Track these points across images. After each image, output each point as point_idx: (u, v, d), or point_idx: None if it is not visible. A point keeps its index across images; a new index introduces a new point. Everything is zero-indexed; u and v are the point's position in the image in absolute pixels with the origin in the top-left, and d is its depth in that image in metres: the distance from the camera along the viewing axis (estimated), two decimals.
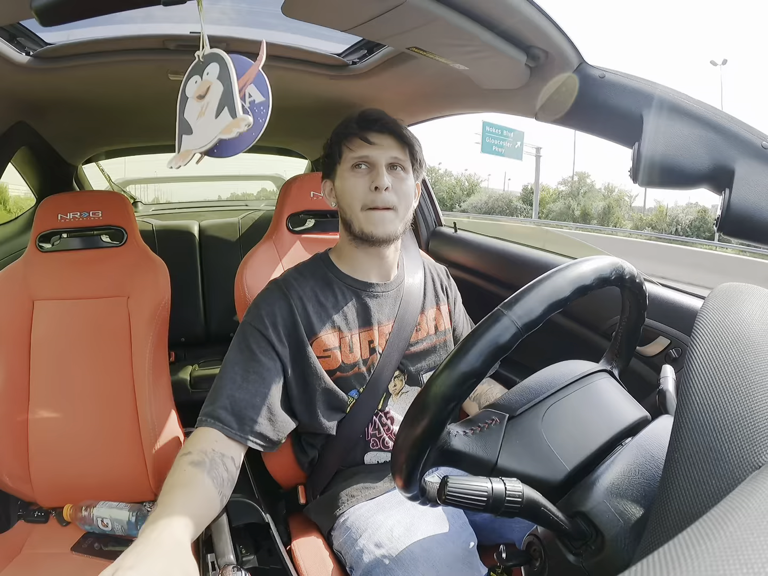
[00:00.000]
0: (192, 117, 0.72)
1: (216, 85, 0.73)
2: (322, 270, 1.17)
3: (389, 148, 1.10)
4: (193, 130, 0.72)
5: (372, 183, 1.08)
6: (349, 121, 1.12)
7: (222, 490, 0.88)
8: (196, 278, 2.44)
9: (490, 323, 0.58)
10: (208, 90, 0.73)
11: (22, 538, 1.32)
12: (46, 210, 1.48)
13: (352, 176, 1.11)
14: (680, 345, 1.15)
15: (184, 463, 0.87)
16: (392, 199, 1.10)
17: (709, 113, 0.85)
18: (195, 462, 0.87)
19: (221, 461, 0.91)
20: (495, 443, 0.65)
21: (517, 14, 0.82)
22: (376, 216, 1.09)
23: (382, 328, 1.16)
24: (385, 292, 1.19)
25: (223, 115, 0.73)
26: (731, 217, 0.81)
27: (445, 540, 0.96)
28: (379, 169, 1.08)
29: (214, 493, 0.86)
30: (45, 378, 1.42)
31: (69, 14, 0.65)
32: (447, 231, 2.07)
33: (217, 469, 0.89)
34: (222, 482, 0.88)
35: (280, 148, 2.72)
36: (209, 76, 0.74)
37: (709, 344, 0.48)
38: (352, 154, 1.11)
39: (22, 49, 1.18)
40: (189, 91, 0.73)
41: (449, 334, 1.28)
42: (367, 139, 1.09)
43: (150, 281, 1.47)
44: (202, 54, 0.73)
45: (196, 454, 0.89)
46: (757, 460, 0.40)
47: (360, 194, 1.09)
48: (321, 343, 1.10)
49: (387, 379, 1.15)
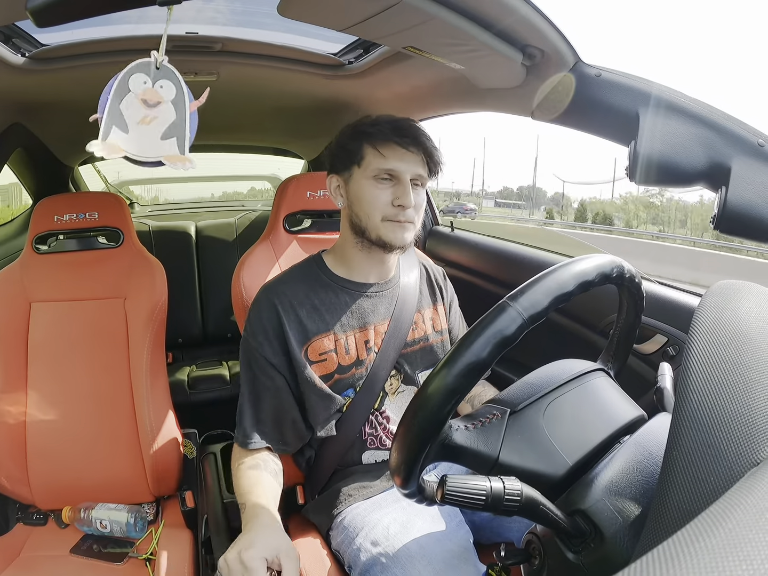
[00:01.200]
0: (131, 118, 0.70)
1: (168, 107, 0.73)
2: (315, 272, 1.17)
3: (417, 164, 1.08)
4: (129, 131, 0.71)
5: (396, 199, 1.07)
6: (380, 124, 1.08)
7: (277, 479, 1.05)
8: (193, 279, 2.43)
9: (496, 314, 0.58)
10: (157, 104, 0.72)
11: (21, 541, 1.31)
12: (43, 211, 1.48)
13: (375, 187, 1.07)
14: (677, 343, 1.15)
15: (245, 470, 1.02)
16: (413, 215, 1.09)
17: (705, 111, 0.85)
18: (252, 466, 1.03)
19: (270, 459, 1.06)
20: (497, 438, 0.65)
21: (513, 13, 0.82)
22: (397, 226, 1.08)
23: (377, 328, 1.16)
24: (380, 292, 1.18)
25: (169, 142, 0.73)
26: (728, 214, 0.81)
27: (442, 537, 0.97)
28: (406, 187, 1.06)
29: (275, 483, 1.03)
30: (42, 380, 1.41)
31: (64, 15, 0.65)
32: (444, 230, 2.07)
33: (269, 466, 1.05)
34: (276, 474, 1.05)
35: (276, 148, 2.72)
36: (162, 91, 0.72)
37: (706, 341, 0.48)
38: (380, 162, 1.06)
39: (17, 51, 1.18)
40: (133, 86, 0.71)
41: (446, 335, 1.28)
42: (405, 146, 1.06)
43: (147, 282, 1.47)
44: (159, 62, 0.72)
45: (249, 461, 1.04)
46: (755, 456, 0.40)
47: (382, 206, 1.07)
48: (317, 347, 1.10)
49: (383, 378, 1.15)
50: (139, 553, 1.27)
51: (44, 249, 1.53)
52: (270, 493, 0.97)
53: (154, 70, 0.72)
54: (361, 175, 1.09)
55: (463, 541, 0.98)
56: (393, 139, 1.06)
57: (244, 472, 1.02)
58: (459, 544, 0.96)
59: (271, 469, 1.04)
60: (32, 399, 1.40)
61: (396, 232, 1.08)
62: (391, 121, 1.08)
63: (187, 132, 0.73)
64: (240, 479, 1.01)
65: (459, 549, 0.95)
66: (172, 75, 0.73)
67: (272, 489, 0.99)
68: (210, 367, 2.27)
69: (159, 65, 0.72)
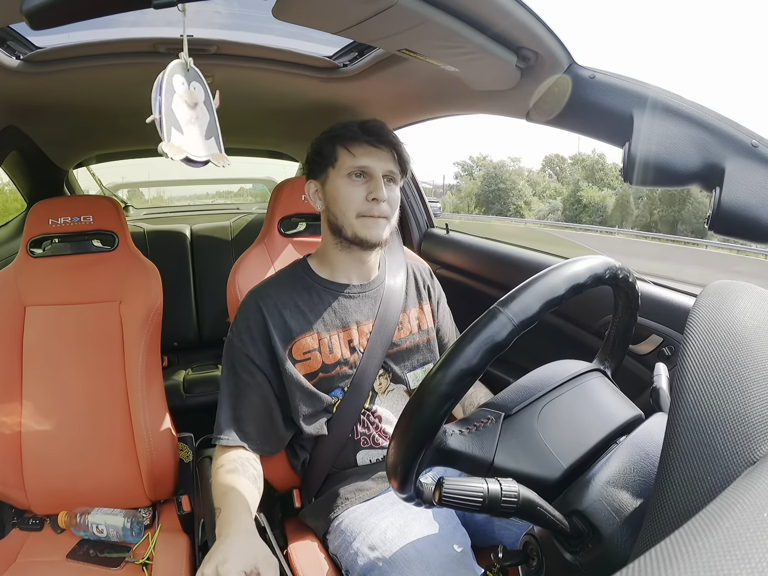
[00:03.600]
0: (182, 118, 0.72)
1: (203, 109, 0.75)
2: (300, 275, 1.20)
3: (387, 160, 1.13)
4: (183, 132, 0.72)
5: (370, 194, 1.11)
6: (350, 126, 1.13)
7: (256, 484, 1.03)
8: (188, 282, 2.43)
9: (487, 320, 0.58)
10: (195, 105, 0.74)
11: (17, 547, 1.31)
12: (37, 215, 1.47)
13: (349, 185, 1.12)
14: (673, 343, 1.15)
15: (223, 474, 1.01)
16: (387, 209, 1.13)
17: (699, 112, 0.86)
18: (230, 470, 1.01)
19: (248, 463, 1.05)
20: (491, 442, 0.65)
21: (507, 16, 0.83)
22: (371, 222, 1.11)
23: (361, 328, 1.18)
24: (363, 293, 1.21)
25: (210, 142, 0.75)
26: (722, 215, 0.82)
27: (439, 541, 0.97)
28: (378, 182, 1.11)
29: (253, 487, 1.00)
30: (37, 384, 1.40)
31: (60, 17, 0.64)
32: (439, 232, 2.07)
33: (248, 470, 1.03)
34: (255, 478, 1.03)
35: (271, 150, 2.72)
36: (196, 92, 0.74)
37: (702, 341, 0.48)
38: (352, 160, 1.11)
39: (12, 53, 1.17)
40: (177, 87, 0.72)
41: (432, 333, 1.30)
42: (368, 150, 1.10)
43: (142, 286, 1.47)
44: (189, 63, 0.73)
45: (228, 464, 1.03)
46: (752, 455, 0.40)
47: (356, 202, 1.11)
48: (300, 346, 1.12)
49: (371, 377, 1.17)
50: (135, 557, 1.27)
51: (39, 252, 1.52)
52: (246, 499, 0.95)
53: (186, 71, 0.74)
54: (336, 175, 1.13)
55: (462, 544, 0.98)
56: (362, 138, 1.11)
57: (222, 476, 1.00)
58: (458, 547, 0.97)
59: (249, 474, 1.02)
60: (27, 404, 1.39)
61: (371, 228, 1.12)
62: (359, 123, 1.13)
63: (219, 131, 0.76)
64: (217, 483, 1.00)
65: (455, 553, 0.95)
66: (199, 77, 0.75)
67: (249, 494, 0.97)
68: (206, 371, 2.27)
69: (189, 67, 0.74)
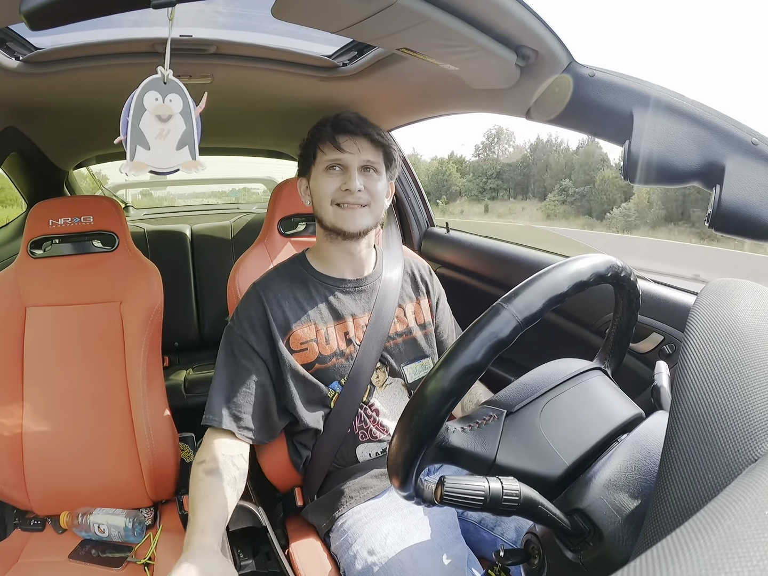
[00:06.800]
0: (150, 134, 0.76)
1: (178, 119, 0.77)
2: (298, 269, 1.23)
3: (363, 151, 1.15)
4: (151, 147, 0.77)
5: (344, 185, 1.14)
6: (324, 124, 1.17)
7: (236, 486, 1.00)
8: (188, 282, 2.43)
9: (490, 317, 0.58)
10: (169, 118, 0.77)
11: (19, 547, 1.31)
12: (37, 216, 1.47)
13: (325, 176, 1.17)
14: (673, 341, 1.15)
15: (201, 473, 0.99)
16: (364, 198, 1.15)
17: (699, 110, 0.86)
18: (209, 470, 1.00)
19: (231, 462, 1.03)
20: (493, 439, 0.65)
21: (506, 14, 0.83)
22: (347, 212, 1.15)
23: (357, 321, 1.21)
24: (359, 287, 1.24)
25: (183, 151, 0.78)
26: (722, 213, 0.82)
27: (437, 551, 0.97)
28: (351, 173, 1.14)
29: (230, 491, 0.98)
30: (38, 385, 1.41)
31: (59, 18, 0.64)
32: (439, 231, 2.07)
33: (229, 471, 1.01)
34: (234, 481, 1.00)
35: (271, 150, 2.72)
36: (172, 105, 0.77)
37: (703, 339, 0.48)
38: (326, 155, 1.16)
39: (11, 54, 1.17)
40: (147, 104, 0.76)
41: (430, 328, 1.31)
42: (338, 144, 1.14)
43: (142, 286, 1.47)
44: (166, 76, 0.77)
45: (209, 461, 1.01)
46: (753, 453, 0.40)
47: (330, 192, 1.15)
48: (298, 337, 1.15)
49: (368, 370, 1.18)
50: (137, 557, 1.27)
51: (39, 253, 1.52)
52: (217, 510, 0.93)
53: (162, 85, 0.77)
54: (316, 171, 1.19)
55: (458, 556, 0.99)
56: (335, 132, 1.15)
57: (201, 476, 0.99)
58: (452, 558, 0.97)
59: (229, 476, 1.00)
60: (28, 404, 1.39)
61: (346, 219, 1.15)
62: (333, 118, 1.18)
63: (196, 138, 0.78)
64: (194, 483, 0.99)
65: (450, 566, 0.95)
66: (178, 88, 0.77)
67: (222, 503, 0.95)
68: (206, 370, 2.27)
69: (166, 80, 0.77)
